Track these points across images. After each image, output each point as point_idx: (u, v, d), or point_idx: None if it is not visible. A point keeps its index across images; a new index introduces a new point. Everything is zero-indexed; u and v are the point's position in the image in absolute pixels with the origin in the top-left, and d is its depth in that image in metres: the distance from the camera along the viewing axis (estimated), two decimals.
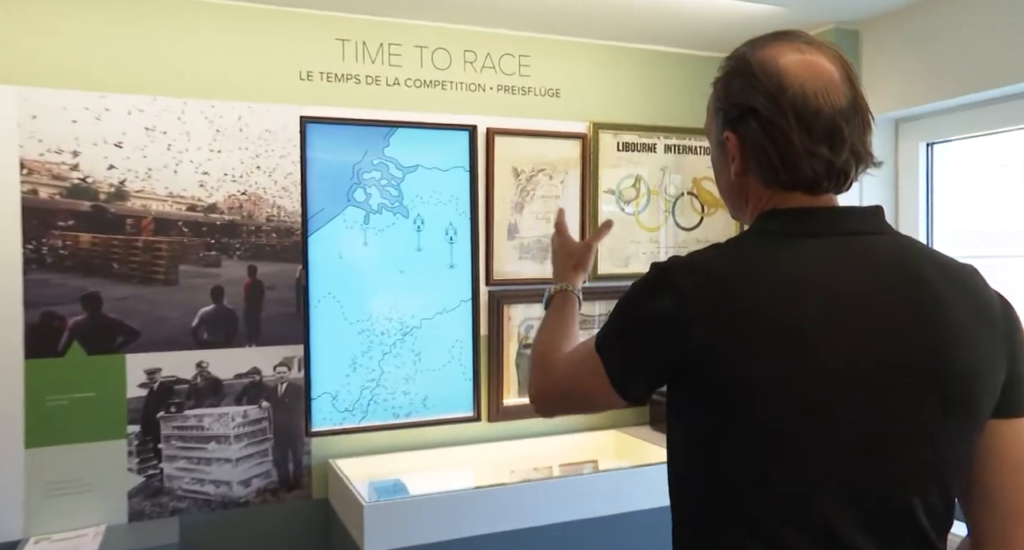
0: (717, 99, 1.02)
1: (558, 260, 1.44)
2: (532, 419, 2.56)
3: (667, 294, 0.91)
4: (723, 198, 1.09)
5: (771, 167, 0.95)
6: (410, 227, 2.40)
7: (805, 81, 0.92)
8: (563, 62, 2.57)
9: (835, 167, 0.94)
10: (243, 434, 2.20)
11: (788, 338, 0.87)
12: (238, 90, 2.18)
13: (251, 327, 2.21)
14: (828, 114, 0.92)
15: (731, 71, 1.00)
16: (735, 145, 0.98)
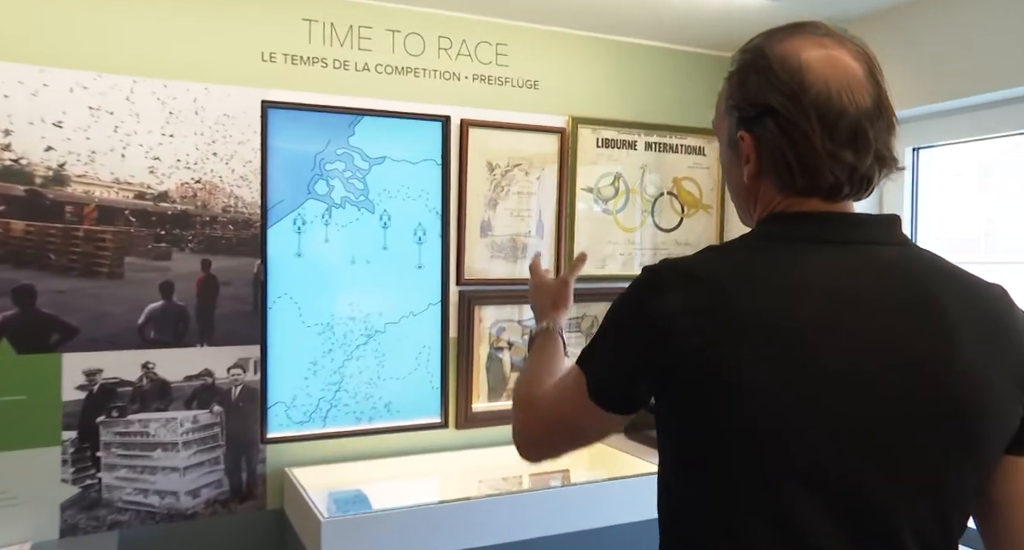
0: (731, 96, 0.94)
1: (536, 299, 1.38)
2: (502, 426, 2.44)
3: (659, 295, 0.86)
4: (733, 200, 1.02)
5: (788, 171, 0.88)
6: (376, 223, 2.26)
7: (829, 79, 0.86)
8: (542, 52, 2.45)
9: (858, 172, 0.87)
10: (192, 441, 2.04)
11: (787, 342, 0.81)
12: (194, 70, 2.01)
13: (204, 325, 2.05)
14: (853, 115, 0.86)
15: (747, 65, 0.92)
16: (750, 146, 0.91)
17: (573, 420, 0.99)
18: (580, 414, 0.96)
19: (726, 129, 0.96)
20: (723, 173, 1.04)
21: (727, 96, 0.95)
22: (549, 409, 1.02)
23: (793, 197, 0.90)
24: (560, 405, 1.00)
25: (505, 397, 2.46)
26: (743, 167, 0.93)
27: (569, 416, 0.98)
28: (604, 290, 2.57)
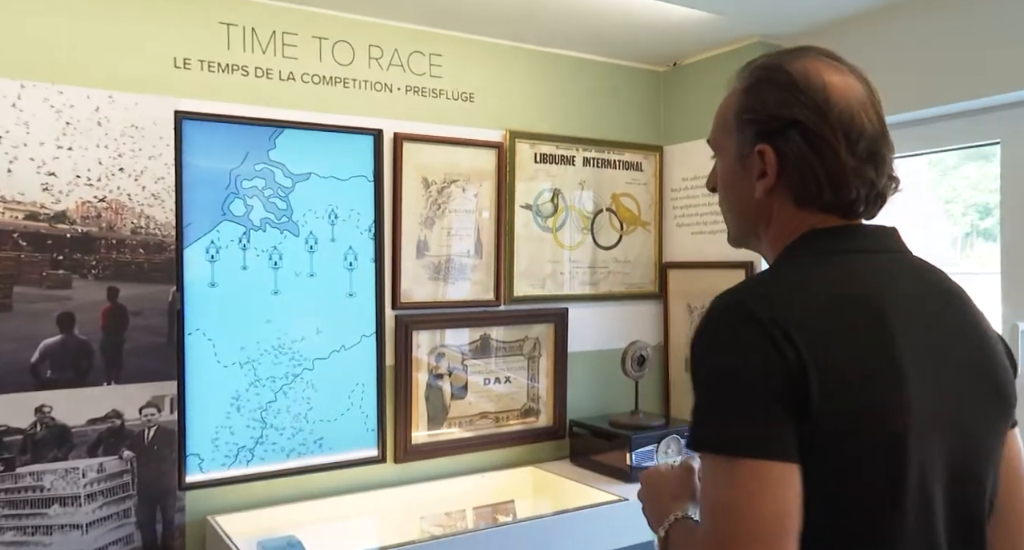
0: (747, 109, 0.93)
1: (650, 495, 1.08)
2: (442, 457, 2.30)
3: (767, 342, 0.79)
4: (733, 216, 1.00)
5: (816, 185, 0.89)
6: (301, 247, 2.08)
7: (850, 99, 0.90)
8: (478, 64, 2.36)
9: (876, 189, 0.91)
10: (97, 492, 1.80)
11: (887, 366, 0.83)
12: (96, 75, 1.81)
13: (110, 361, 1.82)
14: (871, 134, 0.90)
15: (764, 80, 0.93)
16: (772, 160, 0.90)
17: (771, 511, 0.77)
18: (778, 496, 0.78)
19: (734, 143, 0.95)
20: (724, 189, 0.99)
21: (742, 110, 0.94)
22: (732, 530, 0.77)
23: (815, 213, 0.91)
24: (740, 515, 0.77)
25: (446, 426, 2.32)
26: (756, 181, 0.92)
27: (760, 510, 0.77)
28: (543, 311, 2.48)
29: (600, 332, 2.60)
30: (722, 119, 0.98)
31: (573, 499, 2.17)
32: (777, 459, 0.76)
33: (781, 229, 0.93)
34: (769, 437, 0.77)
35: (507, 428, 2.43)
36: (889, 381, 0.81)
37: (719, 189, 1.02)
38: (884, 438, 0.80)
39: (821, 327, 0.81)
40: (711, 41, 2.44)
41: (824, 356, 0.79)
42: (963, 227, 2.25)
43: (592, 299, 2.59)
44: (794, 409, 0.77)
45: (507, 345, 2.43)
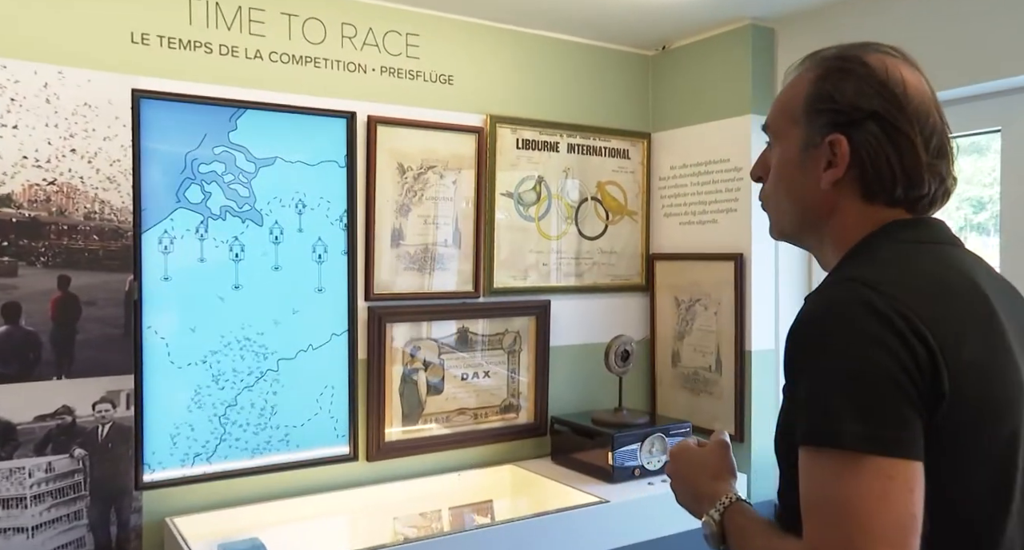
0: (822, 98, 0.90)
1: (688, 479, 1.02)
2: (418, 455, 2.21)
3: (894, 336, 0.75)
4: (789, 207, 0.96)
5: (891, 179, 0.87)
6: (265, 238, 1.98)
7: (923, 96, 0.89)
8: (457, 45, 2.25)
9: (944, 185, 0.90)
10: (45, 493, 1.70)
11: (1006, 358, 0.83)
12: (44, 49, 1.69)
13: (61, 354, 1.72)
14: (940, 131, 0.89)
15: (841, 70, 0.90)
16: (846, 151, 0.88)
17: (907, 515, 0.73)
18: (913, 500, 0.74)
19: (800, 132, 0.92)
20: (780, 179, 0.96)
21: (815, 98, 0.90)
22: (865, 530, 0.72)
23: (883, 208, 0.89)
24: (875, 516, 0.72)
25: (421, 422, 2.23)
26: (823, 172, 0.90)
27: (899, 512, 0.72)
28: (525, 303, 2.38)
29: (584, 325, 2.51)
30: (787, 106, 0.94)
31: (554, 500, 2.08)
32: (907, 457, 0.73)
33: (850, 222, 0.90)
34: (900, 434, 0.73)
35: (486, 425, 2.34)
36: (1010, 373, 0.81)
37: (771, 178, 0.97)
38: (1005, 434, 0.80)
39: (943, 317, 0.78)
40: (701, 23, 2.34)
41: (952, 348, 0.76)
42: (957, 221, 2.18)
43: (576, 291, 2.49)
44: (921, 405, 0.74)
45: (487, 338, 2.34)
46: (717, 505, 0.93)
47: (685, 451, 1.04)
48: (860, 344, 0.75)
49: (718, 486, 0.96)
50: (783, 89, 0.97)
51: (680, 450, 1.05)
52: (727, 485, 0.97)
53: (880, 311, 0.75)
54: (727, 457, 1.01)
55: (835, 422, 0.74)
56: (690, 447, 1.04)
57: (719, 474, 0.98)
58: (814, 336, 0.79)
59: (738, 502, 0.93)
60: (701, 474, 0.99)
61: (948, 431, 0.76)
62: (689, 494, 1.00)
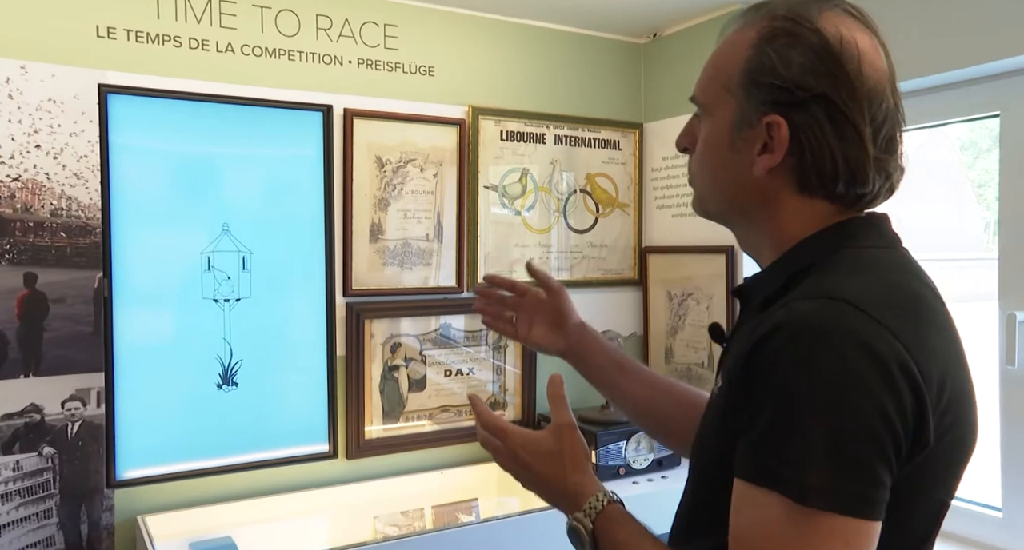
0: (763, 70, 0.76)
1: (539, 472, 0.88)
2: (399, 453, 2.18)
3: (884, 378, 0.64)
4: (713, 189, 0.85)
5: (832, 173, 0.75)
6: (239, 234, 1.95)
7: (878, 71, 0.76)
8: (437, 35, 2.20)
9: (890, 181, 0.79)
10: (13, 492, 1.70)
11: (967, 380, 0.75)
12: (5, 43, 1.68)
13: (28, 352, 1.71)
14: (893, 117, 0.77)
15: (790, 35, 0.75)
16: (784, 137, 0.75)
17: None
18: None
19: (735, 105, 0.79)
20: (707, 156, 0.83)
21: (755, 68, 0.76)
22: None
23: (823, 202, 0.78)
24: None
25: (403, 420, 2.19)
26: (757, 156, 0.77)
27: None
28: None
29: None
30: (721, 71, 0.80)
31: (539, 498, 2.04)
32: (870, 519, 0.64)
33: (788, 217, 0.79)
34: (869, 493, 0.64)
35: (471, 422, 2.29)
36: (972, 409, 0.75)
37: (698, 154, 0.84)
38: (955, 483, 0.75)
39: (929, 349, 0.68)
40: (694, 9, 2.27)
41: (939, 388, 0.68)
42: (996, 212, 2.09)
43: (565, 285, 2.43)
44: (897, 461, 0.65)
45: (471, 334, 2.30)
46: (587, 509, 0.81)
47: (531, 443, 0.87)
48: (846, 385, 0.63)
49: (581, 481, 0.84)
50: (717, 49, 0.82)
51: (524, 443, 0.87)
52: (592, 478, 0.85)
53: (873, 348, 0.64)
54: (580, 442, 0.87)
55: (796, 469, 0.63)
56: (534, 438, 0.87)
57: (577, 463, 0.85)
58: (795, 361, 0.65)
59: (612, 505, 0.82)
60: (558, 467, 0.85)
61: (912, 482, 0.68)
62: (549, 493, 0.87)
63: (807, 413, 0.63)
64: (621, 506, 0.83)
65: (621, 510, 0.82)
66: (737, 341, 0.78)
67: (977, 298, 1.85)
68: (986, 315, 1.83)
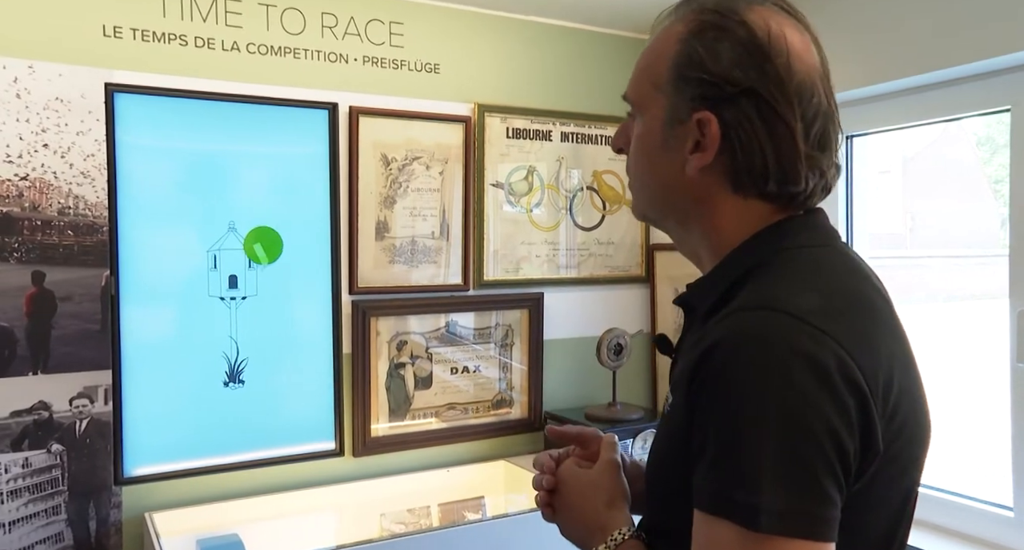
0: (691, 64, 0.74)
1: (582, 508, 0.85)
2: (406, 451, 2.18)
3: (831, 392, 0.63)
4: (648, 189, 0.82)
5: (762, 171, 0.73)
6: (244, 232, 1.95)
7: (809, 67, 0.75)
8: (442, 33, 2.20)
9: (825, 179, 0.76)
10: (22, 488, 1.71)
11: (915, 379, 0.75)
12: (13, 43, 1.69)
13: (36, 349, 1.72)
14: (824, 112, 0.75)
15: (717, 29, 0.74)
16: (716, 133, 0.73)
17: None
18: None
19: (665, 102, 0.77)
20: (641, 155, 0.80)
21: (683, 63, 0.75)
22: None
23: (758, 202, 0.75)
24: None
25: (409, 417, 2.19)
26: (689, 155, 0.75)
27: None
28: (520, 296, 2.33)
29: (580, 318, 2.45)
30: (651, 68, 0.78)
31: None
32: (825, 540, 0.62)
33: (725, 219, 0.76)
34: (824, 513, 0.62)
35: (477, 420, 2.29)
36: (922, 408, 0.75)
37: (632, 154, 0.82)
38: (909, 482, 0.74)
39: (875, 355, 0.67)
40: None
41: (884, 397, 0.67)
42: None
43: (571, 283, 2.43)
44: (845, 477, 0.64)
45: (477, 332, 2.29)
46: (608, 542, 0.80)
47: (574, 475, 0.87)
48: (791, 403, 0.61)
49: (613, 515, 0.82)
50: (647, 46, 0.80)
51: (569, 474, 0.87)
52: (621, 514, 0.83)
53: (816, 360, 0.62)
54: (621, 479, 0.85)
55: (746, 493, 0.61)
56: (578, 470, 0.87)
57: (613, 500, 0.83)
58: (737, 379, 0.63)
59: (632, 539, 0.80)
60: (594, 500, 0.83)
61: (863, 491, 0.66)
62: (579, 524, 0.84)
63: (752, 434, 0.62)
64: (642, 542, 0.80)
65: (638, 545, 0.80)
66: (684, 354, 0.76)
67: (993, 296, 1.84)
68: (1003, 312, 1.81)
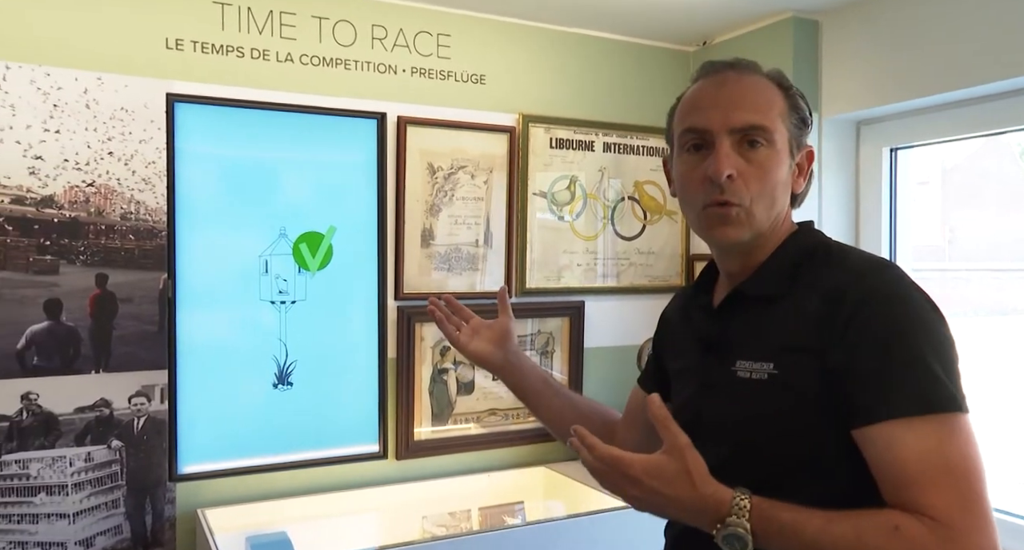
0: (797, 109, 1.01)
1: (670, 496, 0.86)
2: (448, 454, 2.21)
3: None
4: (772, 213, 1.00)
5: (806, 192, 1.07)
6: (295, 237, 2.01)
7: None
8: (488, 44, 2.24)
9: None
10: (85, 481, 1.78)
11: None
12: (84, 56, 1.77)
13: (99, 349, 1.79)
14: None
15: (789, 87, 1.02)
16: (808, 162, 1.04)
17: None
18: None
19: (786, 138, 1.00)
20: (776, 179, 0.99)
21: (794, 107, 1.01)
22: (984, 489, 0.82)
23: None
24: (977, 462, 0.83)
25: (451, 422, 2.23)
26: (796, 177, 1.02)
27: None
28: (561, 304, 2.36)
29: (620, 327, 2.47)
30: (772, 110, 0.98)
31: (585, 502, 2.05)
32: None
33: (787, 222, 1.03)
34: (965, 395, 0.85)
35: (518, 426, 2.32)
36: None
37: (767, 178, 0.97)
38: None
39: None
40: (743, 17, 2.27)
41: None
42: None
43: (611, 292, 2.45)
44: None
45: (519, 339, 2.32)
46: (736, 511, 0.82)
47: (648, 467, 0.86)
48: (940, 327, 0.87)
49: (714, 490, 0.85)
50: (747, 85, 0.99)
51: (645, 467, 0.86)
52: (719, 485, 0.85)
53: (930, 299, 0.89)
54: (697, 454, 0.86)
55: (946, 387, 0.82)
56: (651, 461, 0.86)
57: (704, 477, 0.85)
58: (904, 314, 0.86)
59: (753, 498, 0.83)
60: (687, 485, 0.85)
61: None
62: (684, 509, 0.86)
63: (924, 346, 0.84)
64: (760, 498, 0.85)
65: (762, 498, 0.84)
66: (768, 326, 0.95)
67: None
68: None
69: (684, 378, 1.09)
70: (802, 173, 1.01)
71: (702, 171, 0.96)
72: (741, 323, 0.99)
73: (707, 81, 1.00)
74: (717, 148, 0.95)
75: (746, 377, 0.94)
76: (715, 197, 0.96)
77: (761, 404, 0.92)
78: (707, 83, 1.00)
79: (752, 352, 0.95)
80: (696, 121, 0.97)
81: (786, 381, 0.90)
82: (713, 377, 1.00)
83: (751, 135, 0.96)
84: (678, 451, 0.85)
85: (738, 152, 0.96)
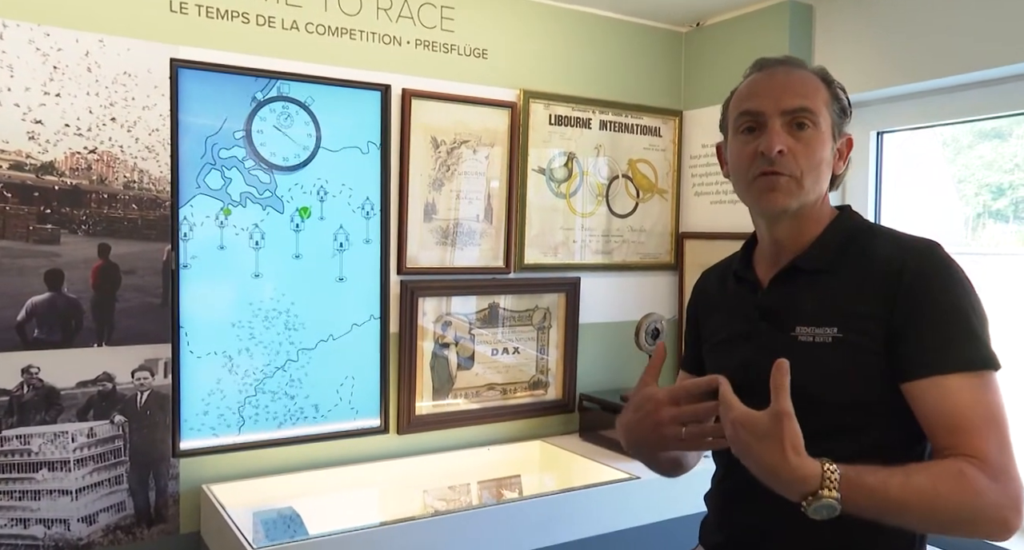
0: (839, 102, 1.12)
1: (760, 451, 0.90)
2: (448, 429, 2.22)
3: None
4: (819, 187, 1.10)
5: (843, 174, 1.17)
6: (286, 224, 1.97)
7: None
8: (492, 19, 2.23)
9: None
10: (87, 457, 1.73)
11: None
12: (85, 17, 1.69)
13: (101, 322, 1.74)
14: None
15: (831, 81, 1.13)
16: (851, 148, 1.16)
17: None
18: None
19: (830, 123, 1.10)
20: (820, 156, 1.09)
21: (836, 98, 1.11)
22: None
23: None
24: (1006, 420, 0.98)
25: (451, 397, 2.24)
26: (837, 160, 1.13)
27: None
28: (555, 280, 2.38)
29: (613, 303, 2.51)
30: (818, 98, 1.09)
31: (581, 476, 2.09)
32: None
33: (827, 202, 1.15)
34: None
35: (515, 401, 2.35)
36: None
37: (814, 156, 1.07)
38: None
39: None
40: (740, 2, 2.31)
41: None
42: (975, 207, 2.16)
43: (605, 269, 2.49)
44: None
45: (516, 314, 2.34)
46: (828, 484, 0.87)
47: (743, 416, 0.92)
48: (974, 290, 1.01)
49: (803, 463, 0.88)
50: (795, 77, 1.10)
51: (740, 415, 0.92)
52: (808, 458, 0.89)
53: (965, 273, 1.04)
54: (796, 427, 0.89)
55: (988, 348, 0.98)
56: (748, 412, 0.92)
57: (797, 448, 0.88)
58: (951, 280, 1.00)
59: (845, 468, 0.89)
60: (778, 453, 0.88)
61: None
62: (772, 475, 0.90)
63: (971, 313, 0.98)
64: (844, 465, 0.90)
65: (848, 466, 0.90)
66: (828, 294, 1.06)
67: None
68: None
69: (734, 344, 1.16)
70: (842, 157, 1.12)
71: (754, 147, 1.08)
72: (797, 293, 1.10)
73: (760, 74, 1.13)
74: (769, 128, 1.07)
75: (808, 340, 1.05)
76: (765, 168, 1.07)
77: (825, 364, 1.03)
78: (760, 75, 1.13)
79: (812, 319, 1.06)
80: (751, 105, 1.09)
81: (851, 342, 1.02)
82: (771, 342, 1.08)
83: (799, 117, 1.07)
84: (776, 416, 0.90)
85: (787, 132, 1.07)
